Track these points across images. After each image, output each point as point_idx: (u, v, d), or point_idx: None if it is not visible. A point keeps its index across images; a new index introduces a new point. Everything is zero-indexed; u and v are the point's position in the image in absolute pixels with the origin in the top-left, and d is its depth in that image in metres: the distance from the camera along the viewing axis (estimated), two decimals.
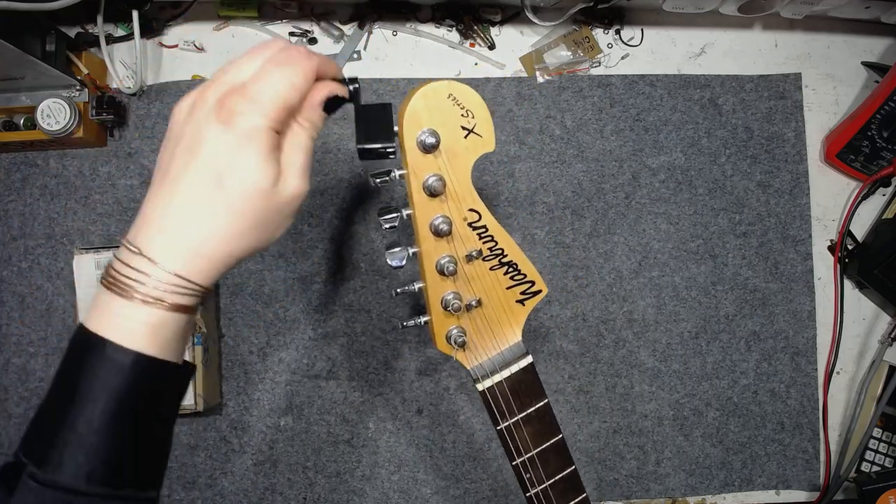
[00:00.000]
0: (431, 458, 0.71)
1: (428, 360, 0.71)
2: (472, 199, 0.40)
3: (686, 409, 0.74)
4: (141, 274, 0.31)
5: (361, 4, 0.73)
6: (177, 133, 0.33)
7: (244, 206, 0.32)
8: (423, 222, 0.40)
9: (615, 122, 0.74)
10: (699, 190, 0.75)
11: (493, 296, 0.43)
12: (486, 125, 0.39)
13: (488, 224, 0.41)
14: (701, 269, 0.74)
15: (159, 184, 0.33)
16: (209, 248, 0.32)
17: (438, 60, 0.74)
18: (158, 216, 0.32)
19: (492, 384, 0.44)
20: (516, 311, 0.44)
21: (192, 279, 0.32)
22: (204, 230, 0.32)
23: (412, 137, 0.38)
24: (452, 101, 0.38)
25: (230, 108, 0.32)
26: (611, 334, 0.73)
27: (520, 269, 0.43)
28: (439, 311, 0.43)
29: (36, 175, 0.69)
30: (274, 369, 0.70)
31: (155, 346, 0.32)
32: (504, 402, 0.45)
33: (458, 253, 0.41)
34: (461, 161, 0.39)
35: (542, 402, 0.45)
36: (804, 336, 0.75)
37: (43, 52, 0.62)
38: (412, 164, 0.38)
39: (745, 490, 0.74)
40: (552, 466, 0.46)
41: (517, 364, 0.45)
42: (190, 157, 0.32)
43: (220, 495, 0.69)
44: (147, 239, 0.32)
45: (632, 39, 0.76)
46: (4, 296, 0.69)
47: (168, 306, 0.32)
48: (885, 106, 0.71)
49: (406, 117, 0.38)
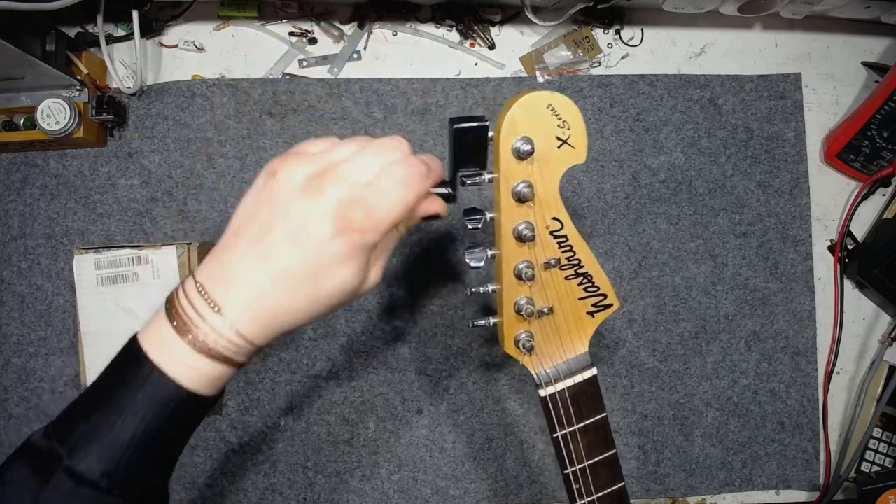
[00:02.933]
0: (431, 458, 0.71)
1: (427, 360, 0.71)
2: (558, 207, 0.41)
3: (686, 409, 0.74)
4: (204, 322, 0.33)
5: (361, 4, 0.73)
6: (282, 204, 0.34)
7: (327, 300, 0.35)
8: (508, 227, 0.41)
9: (615, 122, 0.74)
10: (699, 190, 0.75)
11: (566, 305, 0.44)
12: (581, 137, 0.40)
13: (569, 234, 0.42)
14: (701, 269, 0.74)
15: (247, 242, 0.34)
16: (280, 321, 0.34)
17: (438, 60, 0.74)
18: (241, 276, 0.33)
19: (554, 391, 0.45)
20: (585, 323, 0.45)
21: (255, 342, 0.34)
22: (282, 307, 0.34)
23: (508, 144, 0.39)
24: (551, 111, 0.39)
25: (350, 220, 0.33)
26: (611, 334, 0.73)
27: (594, 281, 0.44)
28: (511, 314, 0.43)
29: (36, 175, 0.69)
30: (274, 369, 0.70)
31: (205, 387, 0.34)
32: (564, 411, 0.45)
33: (537, 259, 0.42)
34: (552, 170, 0.40)
35: (600, 415, 0.46)
36: (804, 336, 0.75)
37: (43, 52, 0.62)
38: (504, 170, 0.39)
39: (745, 490, 0.74)
40: (602, 480, 0.46)
41: (581, 375, 0.45)
42: (292, 239, 0.33)
43: (220, 495, 0.69)
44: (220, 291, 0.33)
45: (632, 39, 0.76)
46: (4, 296, 0.69)
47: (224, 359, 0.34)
48: (885, 106, 0.71)
49: (505, 124, 0.38)
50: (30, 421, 0.68)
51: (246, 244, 0.34)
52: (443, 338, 0.71)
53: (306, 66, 0.72)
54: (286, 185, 0.34)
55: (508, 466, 0.72)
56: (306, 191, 0.34)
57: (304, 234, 0.33)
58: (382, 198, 0.34)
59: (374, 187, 0.34)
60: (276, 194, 0.34)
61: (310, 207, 0.33)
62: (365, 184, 0.34)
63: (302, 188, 0.34)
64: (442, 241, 0.71)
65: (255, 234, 0.34)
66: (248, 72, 0.72)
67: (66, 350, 0.68)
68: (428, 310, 0.71)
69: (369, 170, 0.34)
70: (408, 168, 0.35)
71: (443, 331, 0.71)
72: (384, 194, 0.34)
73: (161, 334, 0.33)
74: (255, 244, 0.34)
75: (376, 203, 0.34)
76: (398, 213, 0.35)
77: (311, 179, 0.34)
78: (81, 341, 0.65)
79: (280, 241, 0.33)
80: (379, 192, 0.34)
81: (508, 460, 0.72)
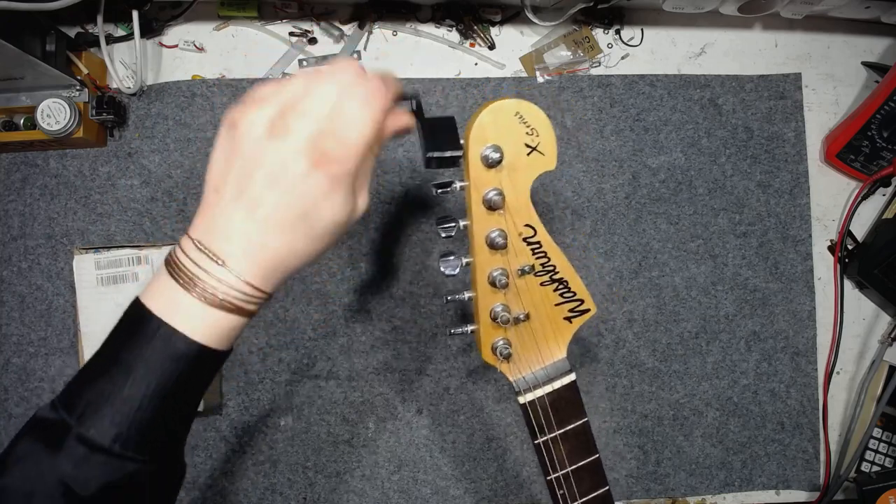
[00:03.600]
0: (431, 458, 0.71)
1: (427, 360, 0.71)
2: (529, 214, 0.41)
3: (686, 409, 0.74)
4: (210, 276, 0.33)
5: (361, 4, 0.73)
6: (252, 152, 0.34)
7: (324, 234, 0.35)
8: (480, 234, 0.41)
9: (615, 122, 0.74)
10: (699, 190, 0.75)
11: (542, 311, 0.44)
12: (550, 144, 0.40)
13: (542, 240, 0.42)
14: (701, 269, 0.74)
15: (231, 196, 0.34)
16: (284, 265, 0.35)
17: (438, 60, 0.74)
18: (234, 229, 0.33)
19: (533, 398, 0.45)
20: (563, 328, 0.45)
21: (264, 289, 0.34)
22: (282, 251, 0.34)
23: (477, 152, 0.39)
24: (519, 118, 0.39)
25: (323, 152, 0.33)
26: (611, 334, 0.73)
27: (570, 286, 0.44)
28: (487, 321, 0.44)
29: (36, 175, 0.69)
30: (274, 369, 0.70)
31: (216, 340, 0.34)
32: (544, 417, 0.45)
33: (510, 266, 0.42)
34: (522, 177, 0.40)
35: (581, 420, 0.46)
36: (804, 336, 0.75)
37: (43, 52, 0.62)
38: (474, 178, 0.40)
39: (745, 490, 0.74)
40: (586, 485, 0.46)
41: (560, 380, 0.45)
42: (272, 183, 0.33)
43: (220, 495, 0.69)
44: (218, 245, 0.33)
45: (632, 39, 0.76)
46: (4, 296, 0.69)
47: (235, 309, 0.33)
48: (885, 106, 0.71)
49: (473, 132, 0.39)
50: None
51: (229, 198, 0.34)
52: (443, 338, 0.71)
53: (306, 66, 0.72)
54: (251, 132, 0.34)
55: (508, 466, 0.72)
56: (273, 133, 0.33)
57: (283, 175, 0.33)
58: (349, 122, 0.34)
59: (337, 114, 0.34)
60: (243, 144, 0.34)
61: (281, 149, 0.33)
62: (328, 113, 0.34)
63: (268, 132, 0.33)
64: (442, 241, 0.71)
65: (235, 186, 0.34)
66: (248, 72, 0.72)
67: (66, 350, 0.68)
68: (428, 310, 0.71)
69: (328, 98, 0.34)
70: (365, 86, 0.35)
71: (443, 331, 0.71)
72: (350, 118, 0.34)
73: (166, 292, 0.33)
74: (239, 196, 0.33)
75: (344, 129, 0.34)
76: (367, 133, 0.35)
77: (273, 122, 0.34)
78: (81, 341, 0.65)
79: (262, 189, 0.33)
80: (344, 117, 0.34)
81: (508, 460, 0.72)
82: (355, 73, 0.35)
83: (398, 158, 0.72)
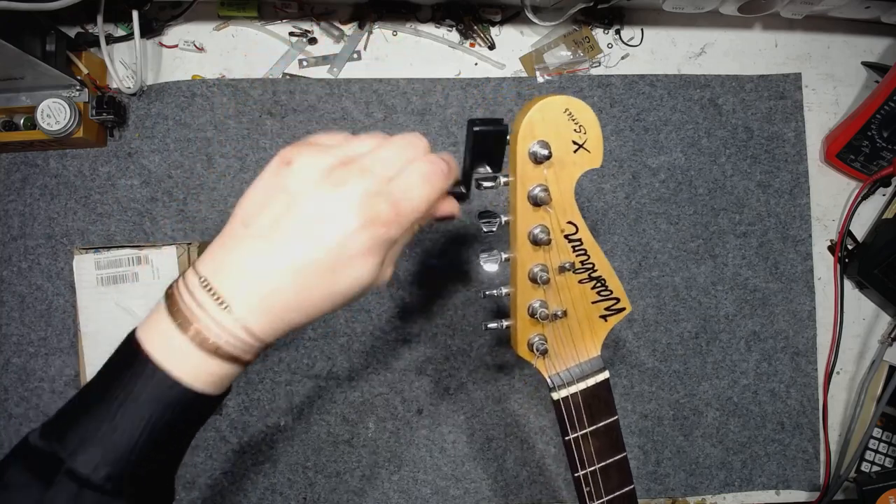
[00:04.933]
0: (431, 458, 0.71)
1: (427, 360, 0.71)
2: (573, 211, 0.41)
3: (686, 409, 0.74)
4: (210, 318, 0.31)
5: (361, 4, 0.73)
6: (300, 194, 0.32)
7: (343, 294, 0.33)
8: (523, 230, 0.41)
9: (615, 122, 0.74)
10: (699, 190, 0.75)
11: (579, 308, 0.44)
12: (597, 142, 0.40)
13: (584, 238, 0.42)
14: (701, 269, 0.74)
15: (258, 234, 0.32)
16: (291, 317, 0.33)
17: (438, 60, 0.74)
18: (250, 269, 0.32)
19: (567, 395, 0.45)
20: (598, 326, 0.45)
21: (265, 339, 0.33)
22: (294, 302, 0.32)
23: (525, 147, 0.39)
24: (568, 115, 0.39)
25: (377, 213, 0.32)
26: (611, 334, 0.73)
27: (607, 285, 0.44)
28: (525, 317, 0.43)
29: (36, 175, 0.69)
30: (274, 369, 0.70)
31: (210, 386, 0.32)
32: (576, 414, 0.45)
33: (551, 263, 0.42)
34: (568, 174, 0.40)
35: (612, 417, 0.46)
36: (804, 336, 0.75)
37: (43, 52, 0.62)
38: (521, 173, 0.39)
39: (745, 490, 0.74)
40: (613, 482, 0.46)
41: (594, 378, 0.45)
42: (311, 231, 0.31)
43: (220, 495, 0.69)
44: (227, 283, 0.31)
45: (632, 39, 0.76)
46: (4, 296, 0.69)
47: (230, 357, 0.32)
48: (885, 106, 0.71)
49: (522, 128, 0.38)
50: (29, 421, 0.68)
51: (257, 236, 0.32)
52: (443, 338, 0.71)
53: (306, 66, 0.72)
54: (305, 174, 0.32)
55: (508, 466, 0.72)
56: (328, 181, 0.32)
57: (326, 225, 0.31)
58: (407, 192, 0.33)
59: (398, 181, 0.33)
60: (292, 184, 0.32)
61: (333, 198, 0.32)
62: (388, 177, 0.33)
63: (323, 179, 0.32)
64: (443, 241, 0.71)
65: (268, 224, 0.32)
66: (248, 72, 0.72)
67: (66, 350, 0.68)
68: (428, 310, 0.71)
69: (393, 164, 0.33)
70: (430, 165, 0.34)
71: (443, 331, 0.71)
72: (409, 189, 0.33)
73: (162, 331, 0.32)
74: (268, 236, 0.32)
75: (402, 197, 0.33)
76: (422, 208, 0.34)
77: (332, 170, 0.32)
78: (81, 341, 0.65)
79: (298, 233, 0.31)
80: (404, 186, 0.33)
81: (508, 460, 0.72)
82: (424, 149, 0.35)
83: None
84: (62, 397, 0.68)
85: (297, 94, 0.71)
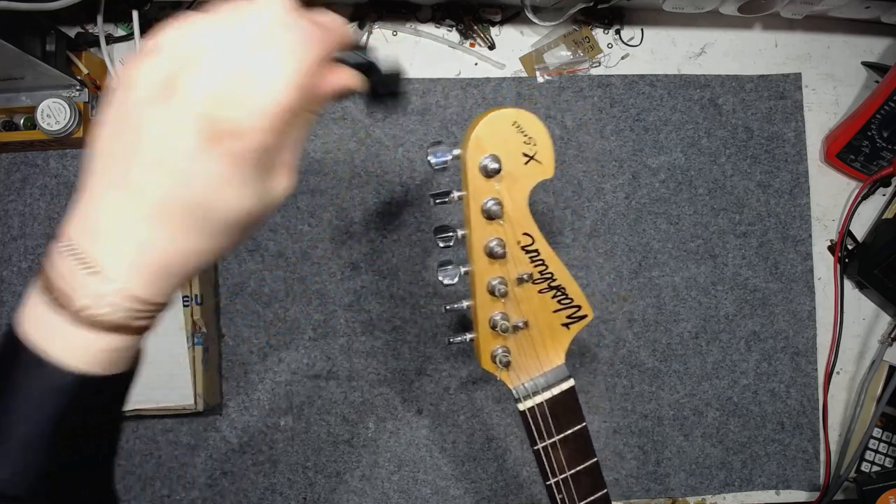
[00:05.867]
0: (431, 458, 0.71)
1: (427, 360, 0.71)
2: (528, 223, 0.41)
3: (686, 409, 0.74)
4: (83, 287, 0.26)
5: (361, 4, 0.73)
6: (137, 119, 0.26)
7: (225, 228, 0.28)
8: (479, 244, 0.41)
9: (615, 122, 0.74)
10: (699, 190, 0.75)
11: (540, 318, 0.44)
12: (547, 152, 0.40)
13: (541, 248, 0.42)
14: (701, 269, 0.74)
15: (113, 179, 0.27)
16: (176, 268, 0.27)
17: (438, 60, 0.74)
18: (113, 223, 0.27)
19: (532, 405, 0.45)
20: (561, 335, 0.45)
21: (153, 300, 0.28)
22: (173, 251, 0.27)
23: (476, 161, 0.39)
24: (517, 128, 0.39)
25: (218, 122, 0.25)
26: (611, 334, 0.73)
27: (567, 293, 0.44)
28: (487, 330, 0.44)
29: (36, 175, 0.69)
30: (274, 369, 0.70)
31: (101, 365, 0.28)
32: (543, 423, 0.45)
33: (509, 275, 0.42)
34: (520, 186, 0.40)
35: (580, 425, 0.46)
36: (804, 336, 0.75)
37: (43, 52, 0.62)
38: (473, 188, 0.40)
39: (745, 490, 0.74)
40: (585, 489, 0.47)
41: (559, 386, 0.45)
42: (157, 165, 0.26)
43: (220, 495, 0.69)
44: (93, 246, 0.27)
45: (632, 39, 0.76)
46: (4, 296, 0.69)
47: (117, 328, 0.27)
48: (885, 106, 0.71)
49: (471, 142, 0.39)
50: None
51: (111, 181, 0.27)
52: (443, 338, 0.71)
53: None
54: (138, 92, 0.26)
55: (508, 466, 0.72)
56: (162, 95, 0.25)
57: (167, 154, 0.25)
58: (261, 79, 0.26)
59: (246, 68, 0.25)
60: (129, 109, 0.26)
61: (164, 118, 0.25)
62: (233, 67, 0.25)
63: (158, 93, 0.25)
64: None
65: (120, 165, 0.26)
66: None
67: None
68: (428, 310, 0.71)
69: (237, 45, 0.26)
70: (291, 31, 0.27)
71: (443, 331, 0.71)
72: (262, 75, 0.26)
73: (39, 313, 0.27)
74: (122, 179, 0.26)
75: (253, 88, 0.25)
76: (286, 94, 0.26)
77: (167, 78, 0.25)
78: None
79: (146, 169, 0.26)
80: (254, 73, 0.26)
81: (508, 460, 0.72)
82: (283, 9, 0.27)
83: (398, 158, 0.72)
84: None
85: None
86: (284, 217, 0.70)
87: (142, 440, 0.68)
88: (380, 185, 0.72)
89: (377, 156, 0.72)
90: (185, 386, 0.64)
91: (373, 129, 0.72)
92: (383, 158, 0.72)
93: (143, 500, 0.68)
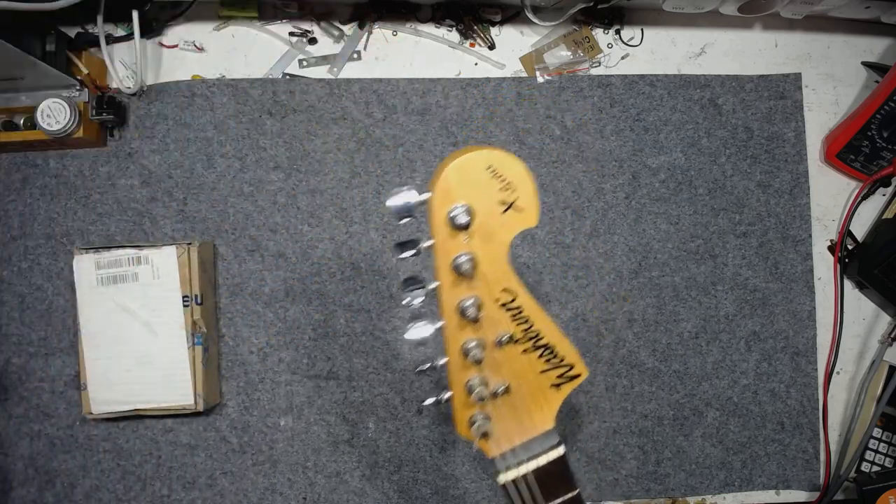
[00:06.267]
0: (431, 458, 0.71)
1: (427, 360, 0.71)
2: (507, 279, 0.36)
3: (686, 409, 0.74)
4: None
5: (361, 4, 0.73)
6: None
7: None
8: (450, 303, 0.36)
9: (615, 122, 0.74)
10: (699, 190, 0.75)
11: (525, 381, 0.39)
12: (530, 199, 0.35)
13: (524, 305, 0.37)
14: (701, 269, 0.74)
15: None
16: None
17: (438, 60, 0.74)
18: None
19: (516, 476, 0.40)
20: (550, 397, 0.40)
21: None
22: None
23: (442, 214, 0.34)
24: (492, 172, 0.34)
25: None
26: (611, 334, 0.73)
27: (556, 352, 0.39)
28: (463, 395, 0.39)
29: (36, 175, 0.69)
30: (274, 369, 0.70)
31: None
32: (529, 494, 0.41)
33: (487, 338, 0.38)
34: (497, 239, 0.35)
35: (571, 493, 0.41)
36: (804, 336, 0.75)
37: (43, 52, 0.62)
38: (441, 243, 0.35)
39: (745, 490, 0.74)
40: None
41: (546, 455, 0.40)
42: None
43: (220, 495, 0.69)
44: None
45: (632, 39, 0.76)
46: (4, 296, 0.69)
47: None
48: (885, 106, 0.71)
49: (437, 192, 0.33)
50: (30, 421, 0.68)
51: None
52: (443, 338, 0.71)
53: (306, 66, 0.72)
54: None
55: None
56: None
57: None
58: None
59: None
60: None
61: None
62: None
63: None
64: None
65: None
66: (248, 72, 0.72)
67: (66, 350, 0.68)
68: (427, 309, 0.71)
69: None
70: None
71: None
72: None
73: None
74: None
75: None
76: None
77: None
78: (81, 341, 0.65)
79: None
80: None
81: None
82: None
83: (398, 158, 0.72)
84: (62, 397, 0.68)
85: (297, 94, 0.71)
86: (284, 217, 0.71)
87: (142, 440, 0.68)
88: (380, 185, 0.72)
89: (377, 156, 0.72)
90: (185, 386, 0.64)
91: (373, 129, 0.72)
92: (383, 158, 0.72)
93: (143, 500, 0.68)
